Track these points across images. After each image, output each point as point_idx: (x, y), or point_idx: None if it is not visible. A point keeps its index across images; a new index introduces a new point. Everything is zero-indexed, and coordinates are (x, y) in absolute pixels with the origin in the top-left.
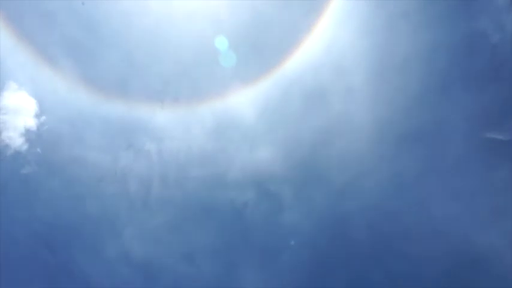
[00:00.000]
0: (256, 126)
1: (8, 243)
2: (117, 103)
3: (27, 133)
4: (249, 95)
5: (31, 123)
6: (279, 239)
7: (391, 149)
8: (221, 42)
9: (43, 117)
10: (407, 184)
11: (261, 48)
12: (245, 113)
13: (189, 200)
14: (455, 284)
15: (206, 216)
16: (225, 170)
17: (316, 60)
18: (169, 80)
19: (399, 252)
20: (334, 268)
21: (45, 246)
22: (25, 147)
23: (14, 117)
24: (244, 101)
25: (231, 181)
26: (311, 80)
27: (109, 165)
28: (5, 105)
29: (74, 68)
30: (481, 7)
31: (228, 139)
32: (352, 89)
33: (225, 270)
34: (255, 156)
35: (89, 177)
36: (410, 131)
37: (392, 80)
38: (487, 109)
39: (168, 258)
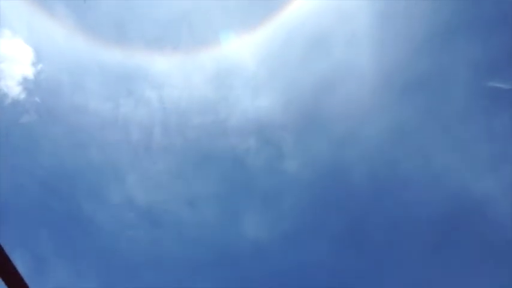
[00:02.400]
0: (257, 73)
1: (13, 192)
2: (115, 50)
3: (25, 82)
4: (250, 41)
5: (28, 71)
6: (279, 186)
7: (393, 97)
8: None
9: (40, 66)
10: (408, 132)
11: None
12: (246, 59)
13: (191, 146)
14: (452, 228)
15: (207, 162)
16: (225, 117)
17: (318, 5)
18: (169, 26)
19: (398, 198)
20: (334, 213)
21: (51, 193)
22: (23, 96)
23: (10, 66)
24: (245, 48)
25: (232, 128)
26: (313, 26)
27: (110, 113)
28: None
29: (71, 14)
30: None
31: (229, 86)
32: (355, 35)
33: (226, 215)
34: (256, 104)
35: (90, 125)
36: (413, 78)
37: (396, 27)
38: (491, 57)
39: (170, 204)
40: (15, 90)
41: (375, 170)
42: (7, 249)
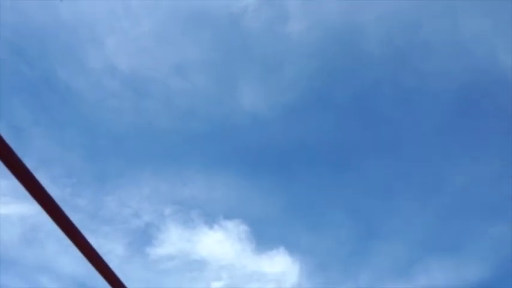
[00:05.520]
0: None
1: None
2: None
3: None
4: None
5: None
6: (281, 51)
7: None
8: None
9: None
10: None
11: None
12: None
13: (178, 4)
14: (475, 103)
15: (198, 23)
16: None
17: None
18: None
19: (415, 68)
20: (343, 83)
21: (20, 57)
22: None
23: None
24: None
25: None
26: None
27: None
28: None
29: None
30: None
31: None
32: None
33: (221, 84)
34: None
35: None
36: None
37: None
38: None
39: (157, 71)
40: None
41: (392, 34)
42: None
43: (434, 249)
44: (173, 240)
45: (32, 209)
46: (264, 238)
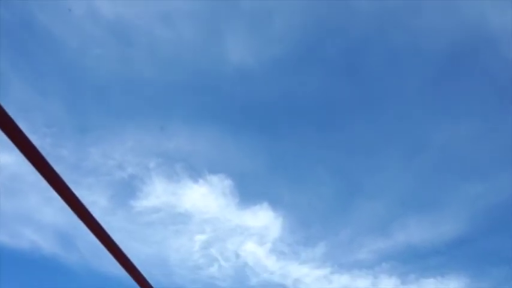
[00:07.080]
0: None
1: None
2: None
3: None
4: None
5: None
6: (272, 3)
7: None
8: None
9: None
10: None
11: None
12: None
13: None
14: (461, 61)
15: None
16: None
17: None
18: None
19: (405, 25)
20: (332, 39)
21: None
22: None
23: None
24: None
25: None
26: None
27: None
28: None
29: None
30: None
31: None
32: None
33: (207, 35)
34: None
35: None
36: None
37: None
38: None
39: (142, 19)
40: None
41: None
42: None
43: (413, 207)
44: (157, 193)
45: (11, 158)
46: (248, 193)
